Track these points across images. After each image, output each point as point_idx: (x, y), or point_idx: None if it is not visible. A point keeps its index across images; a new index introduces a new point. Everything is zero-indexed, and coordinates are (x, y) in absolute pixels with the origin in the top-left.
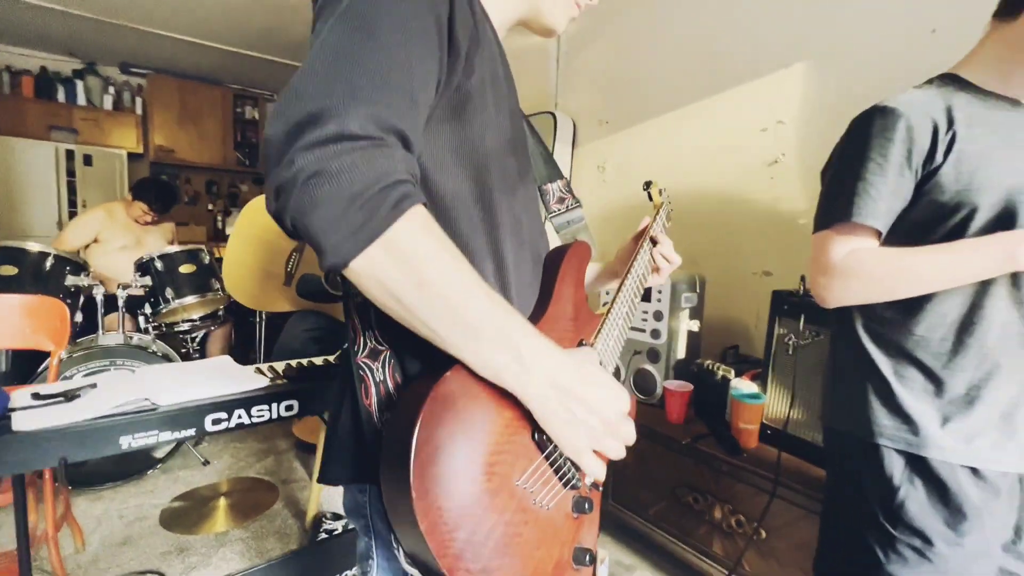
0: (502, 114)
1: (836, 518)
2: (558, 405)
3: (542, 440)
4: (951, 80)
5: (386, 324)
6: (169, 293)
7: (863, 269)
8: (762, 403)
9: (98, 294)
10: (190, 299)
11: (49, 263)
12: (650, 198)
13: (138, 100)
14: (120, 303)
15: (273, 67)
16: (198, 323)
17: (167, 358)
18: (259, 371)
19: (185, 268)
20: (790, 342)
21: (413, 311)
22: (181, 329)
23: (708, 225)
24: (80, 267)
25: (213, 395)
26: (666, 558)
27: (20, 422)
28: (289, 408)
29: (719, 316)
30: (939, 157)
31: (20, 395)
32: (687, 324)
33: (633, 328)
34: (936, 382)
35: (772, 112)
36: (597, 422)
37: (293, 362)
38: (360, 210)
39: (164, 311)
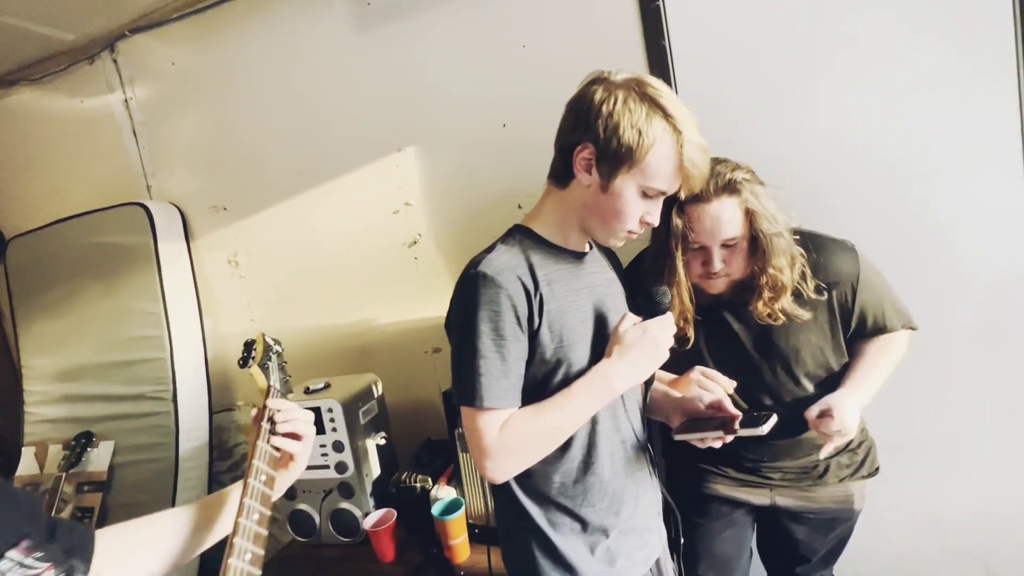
0: None
1: None
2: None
3: None
4: (526, 234)
5: None
6: None
7: (514, 444)
8: (462, 512)
9: None
10: None
11: None
12: (245, 364)
13: None
14: None
15: None
16: None
17: None
18: None
19: None
20: None
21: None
22: None
23: (365, 310)
24: None
25: None
26: None
27: None
28: None
29: (403, 402)
30: (536, 319)
31: None
32: (373, 440)
33: (313, 467)
34: (579, 520)
35: (401, 195)
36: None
37: None
38: None
39: None
